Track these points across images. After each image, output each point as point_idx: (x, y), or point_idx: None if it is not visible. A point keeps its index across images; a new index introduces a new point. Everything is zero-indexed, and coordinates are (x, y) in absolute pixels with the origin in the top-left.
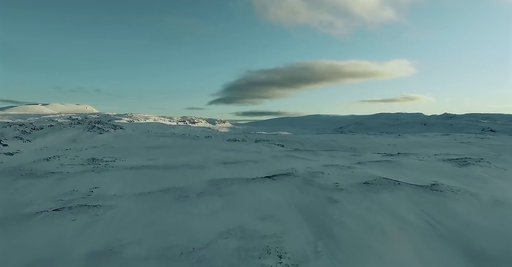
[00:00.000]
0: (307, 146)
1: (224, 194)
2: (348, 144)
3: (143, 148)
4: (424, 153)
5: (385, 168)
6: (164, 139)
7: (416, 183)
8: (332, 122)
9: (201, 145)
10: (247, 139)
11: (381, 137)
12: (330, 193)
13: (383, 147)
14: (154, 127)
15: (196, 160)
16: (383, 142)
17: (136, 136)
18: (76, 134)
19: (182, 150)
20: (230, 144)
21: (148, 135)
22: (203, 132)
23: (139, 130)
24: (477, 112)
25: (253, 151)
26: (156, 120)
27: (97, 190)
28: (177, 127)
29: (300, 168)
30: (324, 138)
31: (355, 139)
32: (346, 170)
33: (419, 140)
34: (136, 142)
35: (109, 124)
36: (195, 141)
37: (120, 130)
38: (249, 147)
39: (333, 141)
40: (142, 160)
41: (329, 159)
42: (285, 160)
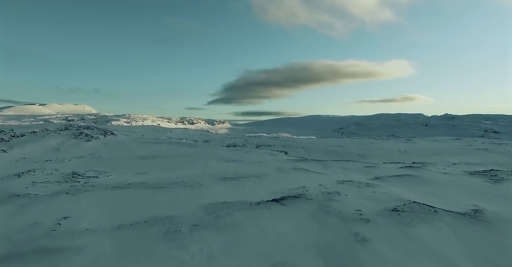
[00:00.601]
0: (312, 152)
1: (223, 227)
2: (355, 150)
3: (134, 158)
4: (442, 162)
5: (409, 185)
6: (158, 146)
7: (455, 209)
8: (332, 123)
9: (199, 154)
10: (248, 144)
11: (389, 142)
12: (355, 225)
13: (394, 154)
14: (150, 131)
15: (192, 174)
16: (393, 147)
17: (128, 144)
18: (60, 142)
19: (177, 161)
20: (230, 153)
21: (141, 142)
22: (201, 135)
23: (133, 135)
24: (478, 113)
25: (255, 161)
26: (154, 121)
27: (66, 221)
28: (174, 130)
29: (311, 186)
30: (329, 143)
31: (362, 145)
32: (366, 189)
33: (430, 146)
34: (127, 151)
35: (100, 130)
36: (192, 149)
37: (111, 137)
38: (251, 156)
39: (339, 146)
40: (130, 174)
41: (342, 172)
42: (292, 174)
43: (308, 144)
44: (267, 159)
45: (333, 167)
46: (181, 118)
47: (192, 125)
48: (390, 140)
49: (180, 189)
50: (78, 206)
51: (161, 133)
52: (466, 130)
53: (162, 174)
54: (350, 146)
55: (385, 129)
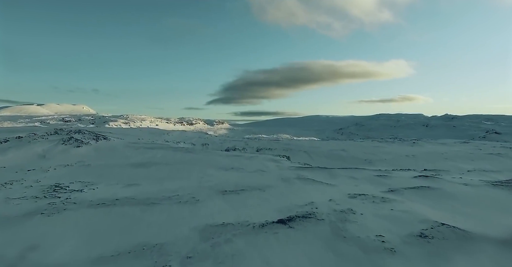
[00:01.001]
0: (315, 157)
1: (222, 260)
2: (360, 154)
3: (126, 166)
4: (455, 169)
5: (429, 200)
6: (153, 152)
7: (492, 233)
8: (332, 123)
9: (196, 160)
10: (248, 147)
11: (394, 146)
12: (379, 258)
13: (401, 159)
14: (146, 134)
15: (188, 186)
16: (399, 152)
17: (121, 149)
18: (47, 149)
19: (172, 169)
20: (230, 159)
21: (136, 147)
22: (200, 138)
23: (128, 138)
24: (478, 113)
25: (257, 170)
26: (152, 122)
27: (34, 253)
28: (171, 132)
29: (320, 201)
30: (332, 146)
31: (367, 149)
32: (382, 206)
33: (439, 150)
34: (119, 157)
35: (91, 134)
36: (189, 155)
37: (103, 142)
38: (252, 163)
39: (343, 151)
40: (120, 186)
41: (351, 182)
42: (298, 185)
43: (310, 147)
44: (270, 166)
45: (341, 176)
46: (180, 119)
47: (191, 126)
48: (395, 143)
49: (174, 206)
50: (53, 231)
51: (158, 135)
52: (467, 131)
53: (155, 185)
54: (355, 150)
55: (385, 130)
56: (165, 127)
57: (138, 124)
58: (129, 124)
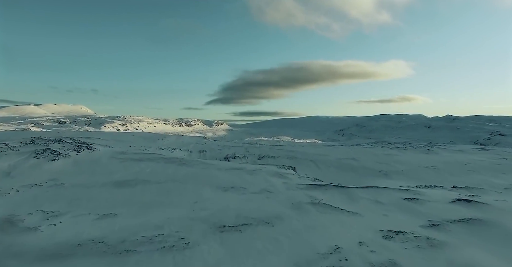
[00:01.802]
0: (324, 167)
1: None
2: (373, 164)
3: (106, 186)
4: (489, 185)
5: (490, 243)
6: (142, 165)
7: None
8: (332, 124)
9: (190, 177)
10: (249, 154)
11: (408, 154)
12: None
13: (421, 171)
14: (139, 139)
15: (178, 217)
16: (415, 161)
17: (105, 162)
18: (14, 164)
19: (160, 190)
20: (229, 174)
21: (123, 158)
22: (197, 144)
23: (119, 145)
24: (480, 114)
25: (261, 189)
26: (150, 123)
27: None
28: (167, 138)
29: (348, 246)
30: (341, 154)
31: (379, 157)
32: (433, 255)
33: (459, 159)
34: (101, 173)
35: (74, 143)
36: (183, 169)
37: (85, 153)
38: (255, 179)
39: (354, 160)
40: (91, 218)
41: (378, 209)
42: (314, 214)
43: (317, 155)
44: (276, 184)
45: (363, 199)
46: (178, 120)
47: (189, 127)
48: (407, 150)
49: (155, 256)
50: None
51: (152, 141)
52: (470, 132)
53: (136, 217)
54: (366, 158)
55: (386, 131)
56: (163, 128)
57: (135, 126)
58: (126, 125)
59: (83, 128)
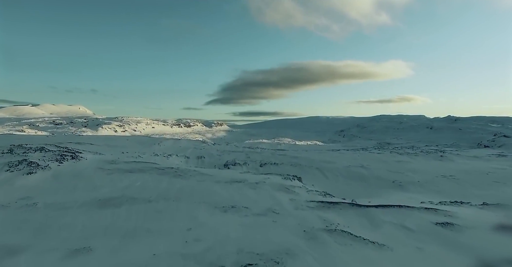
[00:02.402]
0: (332, 176)
1: None
2: (385, 173)
3: (86, 207)
4: None
5: None
6: (131, 178)
7: None
8: (333, 125)
9: (185, 192)
10: (250, 161)
11: (420, 160)
12: None
13: (439, 181)
14: (134, 144)
15: (165, 253)
16: (430, 169)
17: (90, 175)
18: None
19: (148, 212)
20: (229, 188)
21: (111, 169)
22: (195, 149)
23: (110, 151)
24: (482, 115)
25: (266, 209)
26: (148, 124)
27: None
28: (164, 141)
29: None
30: (348, 161)
31: (389, 164)
32: None
33: (479, 167)
34: (84, 189)
35: (58, 151)
36: (177, 182)
37: (69, 163)
38: (259, 195)
39: (363, 168)
40: (57, 257)
41: (408, 240)
42: (333, 248)
43: (323, 162)
44: (282, 201)
45: (386, 224)
46: (178, 120)
47: (189, 128)
48: (419, 156)
49: None
50: None
51: (147, 146)
52: (473, 133)
53: (114, 254)
54: (376, 166)
55: (388, 132)
56: (161, 129)
57: (133, 127)
58: (123, 126)
59: (79, 130)
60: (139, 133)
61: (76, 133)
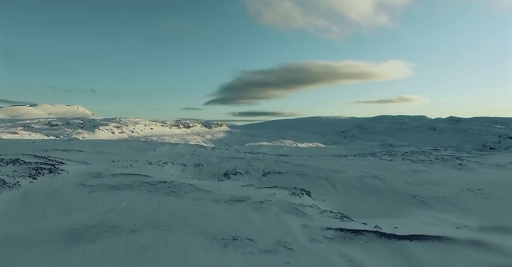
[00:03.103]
0: (343, 189)
1: None
2: (402, 185)
3: (52, 242)
4: None
5: None
6: (116, 197)
7: None
8: (333, 125)
9: (177, 217)
10: (252, 169)
11: (438, 169)
12: None
13: (466, 197)
14: (127, 151)
15: None
16: (452, 181)
17: (66, 194)
18: None
19: (131, 248)
20: (230, 211)
21: (94, 185)
22: (193, 155)
23: (98, 161)
24: (485, 116)
25: (275, 242)
26: (147, 125)
27: None
28: (159, 147)
29: None
30: (359, 170)
31: (405, 174)
32: None
33: (505, 179)
34: (55, 214)
35: (38, 162)
36: (169, 202)
37: (45, 178)
38: (264, 220)
39: (377, 179)
40: None
41: None
42: None
43: (331, 172)
44: (293, 229)
45: (427, 265)
46: (176, 121)
47: (188, 129)
48: (435, 164)
49: None
50: None
51: (141, 153)
52: (477, 135)
53: None
54: (391, 177)
55: (390, 133)
56: (160, 130)
57: (131, 128)
58: (121, 128)
59: (75, 131)
60: (137, 135)
61: (72, 134)
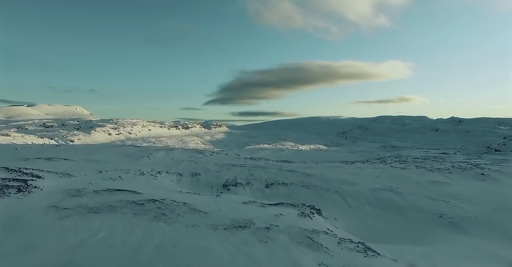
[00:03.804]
0: (356, 204)
1: None
2: (424, 202)
3: None
4: None
5: None
6: (94, 224)
7: None
8: (334, 126)
9: (164, 255)
10: (253, 179)
11: (458, 179)
12: None
13: (504, 217)
14: (118, 158)
15: None
16: (481, 196)
17: (31, 222)
18: None
19: None
20: (230, 246)
21: (71, 207)
22: (190, 162)
23: (83, 172)
24: (487, 116)
25: None
26: (145, 126)
27: None
28: (154, 154)
29: None
30: (372, 181)
31: (424, 186)
32: None
33: None
34: (12, 250)
35: (8, 177)
36: (157, 230)
37: (10, 200)
38: (272, 259)
39: (393, 191)
40: None
41: None
42: None
43: (342, 183)
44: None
45: None
46: (175, 122)
47: (186, 130)
48: (453, 173)
49: None
50: None
51: (133, 160)
52: (481, 136)
53: None
54: (408, 189)
55: (391, 134)
56: (158, 131)
57: (129, 129)
58: (118, 129)
59: (71, 133)
60: (135, 136)
61: (67, 136)
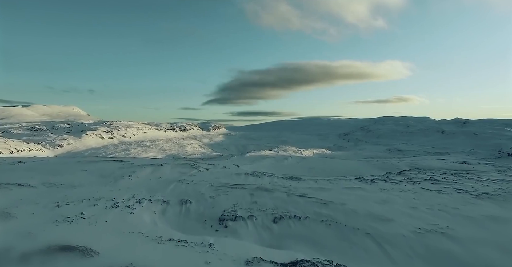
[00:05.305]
0: (401, 257)
1: None
2: (498, 257)
3: None
4: None
5: None
6: None
7: None
8: (334, 127)
9: None
10: (258, 211)
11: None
12: None
13: None
14: (91, 180)
15: None
16: None
17: None
18: None
19: None
20: None
21: None
22: (180, 183)
23: (34, 208)
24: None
25: None
26: (140, 129)
27: None
28: (138, 172)
29: None
30: (412, 217)
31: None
32: None
33: None
34: None
35: None
36: None
37: None
38: None
39: (445, 235)
40: None
41: None
42: None
43: (372, 220)
44: None
45: None
46: (172, 124)
47: (184, 132)
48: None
49: None
50: None
51: (111, 182)
52: (490, 139)
53: None
54: (467, 233)
55: (395, 136)
56: (154, 134)
57: (123, 133)
58: (111, 132)
59: (59, 137)
60: (129, 139)
61: (56, 140)
